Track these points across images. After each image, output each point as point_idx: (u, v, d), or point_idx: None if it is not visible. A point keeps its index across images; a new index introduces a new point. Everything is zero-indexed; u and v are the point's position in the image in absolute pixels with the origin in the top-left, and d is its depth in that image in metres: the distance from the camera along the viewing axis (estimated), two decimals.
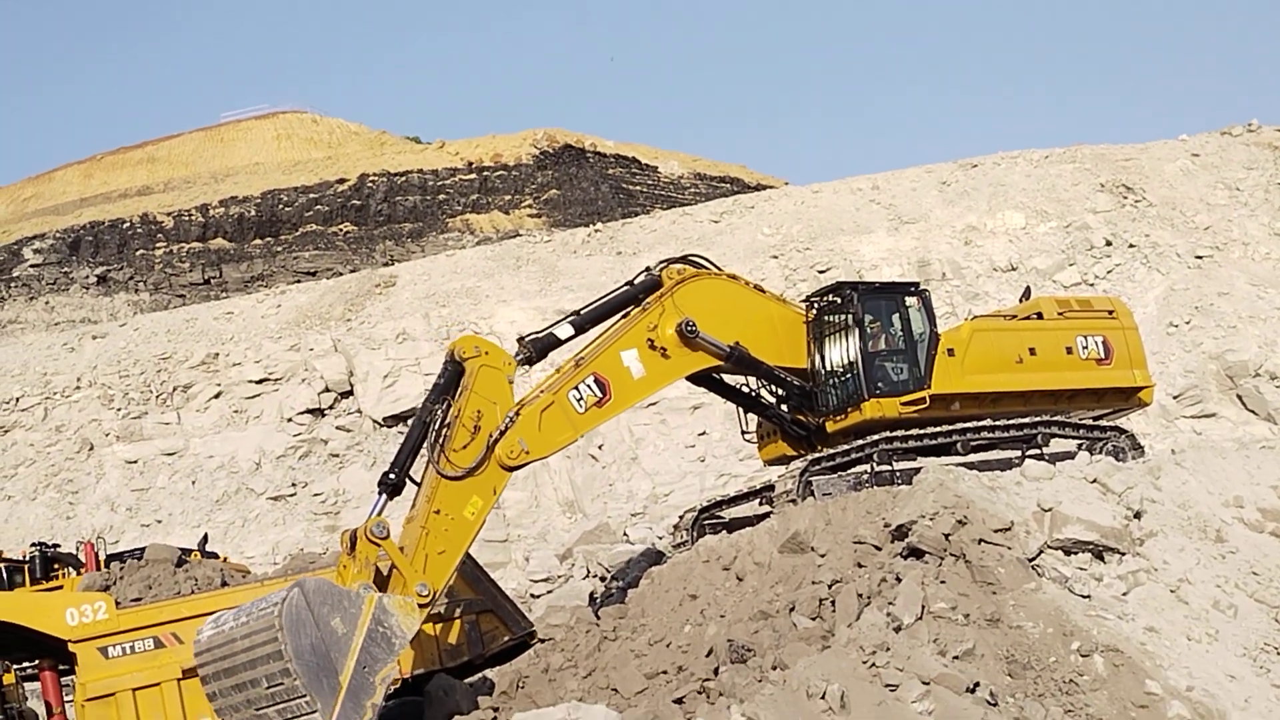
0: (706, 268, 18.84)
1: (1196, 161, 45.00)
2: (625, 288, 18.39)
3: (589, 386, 16.74)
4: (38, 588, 22.47)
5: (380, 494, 15.02)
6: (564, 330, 17.42)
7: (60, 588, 21.46)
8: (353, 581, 13.80)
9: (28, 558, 24.11)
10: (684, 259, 18.86)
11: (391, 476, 15.05)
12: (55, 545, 25.39)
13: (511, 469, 15.73)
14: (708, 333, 17.91)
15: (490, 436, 15.42)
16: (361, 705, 13.10)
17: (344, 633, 13.17)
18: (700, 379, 19.83)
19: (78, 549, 25.13)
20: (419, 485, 15.28)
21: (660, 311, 17.73)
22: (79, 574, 22.13)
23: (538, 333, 17.44)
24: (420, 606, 14.14)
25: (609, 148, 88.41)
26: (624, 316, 17.84)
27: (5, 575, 22.82)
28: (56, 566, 23.91)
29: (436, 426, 15.48)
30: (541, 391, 16.51)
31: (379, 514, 14.59)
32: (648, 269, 18.61)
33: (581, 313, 17.87)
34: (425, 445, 15.48)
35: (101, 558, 23.22)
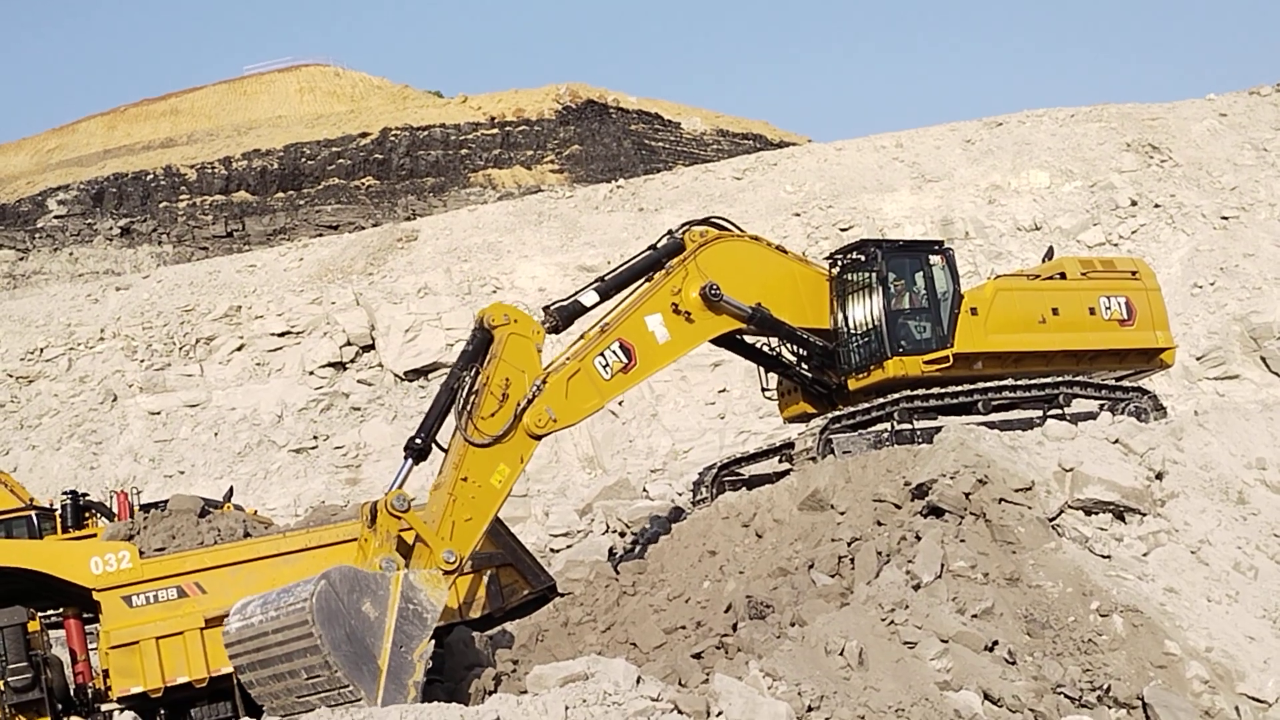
0: (729, 229, 18.77)
1: (1224, 121, 44.59)
2: (648, 252, 18.32)
3: (614, 353, 16.71)
4: (68, 536, 22.54)
5: (406, 459, 15.05)
6: (589, 297, 17.35)
7: (94, 536, 21.58)
8: (374, 555, 13.82)
9: (54, 505, 24.18)
10: (706, 221, 18.77)
11: (418, 442, 15.07)
12: (85, 494, 25.43)
13: (538, 437, 15.73)
14: (731, 295, 17.87)
15: (518, 405, 15.41)
16: (404, 685, 13.16)
17: (376, 616, 13.20)
18: (722, 340, 19.80)
19: (110, 498, 25.19)
20: (446, 451, 15.31)
21: (684, 275, 17.67)
22: (111, 523, 22.17)
23: (563, 301, 17.39)
24: (446, 574, 14.19)
25: (632, 103, 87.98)
26: (648, 281, 17.80)
27: (35, 523, 22.86)
28: (88, 515, 23.97)
29: (464, 394, 15.47)
30: (567, 359, 16.48)
31: (403, 481, 14.63)
32: (670, 232, 18.54)
33: (606, 279, 17.80)
34: (453, 412, 15.48)
35: (135, 507, 23.23)
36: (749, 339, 19.94)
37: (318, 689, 12.82)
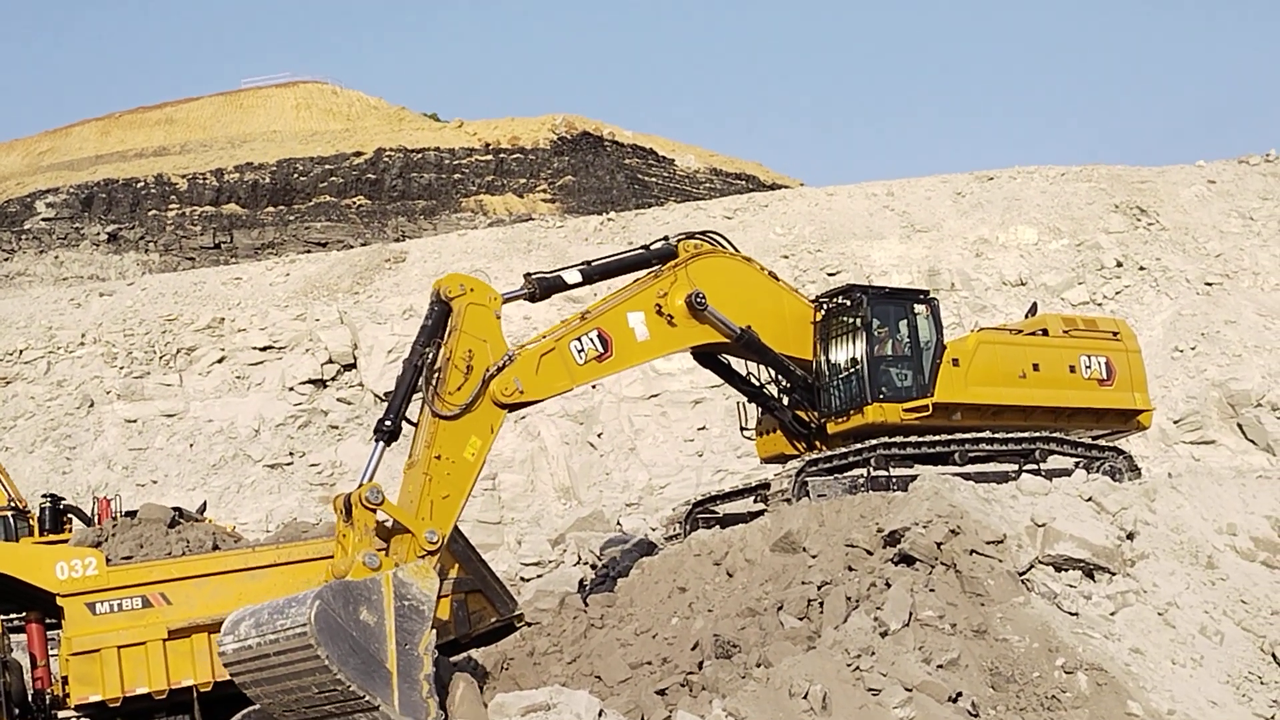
0: (724, 247, 18.94)
1: (1212, 188, 44.94)
2: (640, 250, 18.55)
3: (591, 340, 16.84)
4: (45, 539, 22.29)
5: (377, 442, 15.00)
6: (572, 276, 17.54)
7: None
8: (354, 552, 13.78)
9: (27, 507, 23.89)
10: (704, 234, 18.96)
11: (388, 424, 15.02)
12: (62, 499, 25.15)
13: (506, 407, 15.70)
14: (716, 309, 17.97)
15: (486, 372, 15.42)
16: (416, 681, 13.19)
17: (375, 622, 13.19)
18: (708, 361, 19.93)
19: (92, 504, 24.95)
20: (416, 426, 15.28)
21: (672, 280, 17.88)
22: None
23: (545, 272, 17.56)
24: (429, 554, 14.20)
25: (627, 137, 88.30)
26: (635, 279, 17.94)
27: (12, 524, 22.57)
28: (66, 520, 23.71)
29: (428, 370, 15.44)
30: (544, 337, 16.62)
31: (375, 467, 14.64)
32: (665, 238, 18.78)
33: (592, 263, 18.00)
34: (419, 390, 15.44)
35: (119, 514, 22.94)
36: (736, 365, 20.07)
37: (331, 700, 12.83)
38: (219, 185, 76.98)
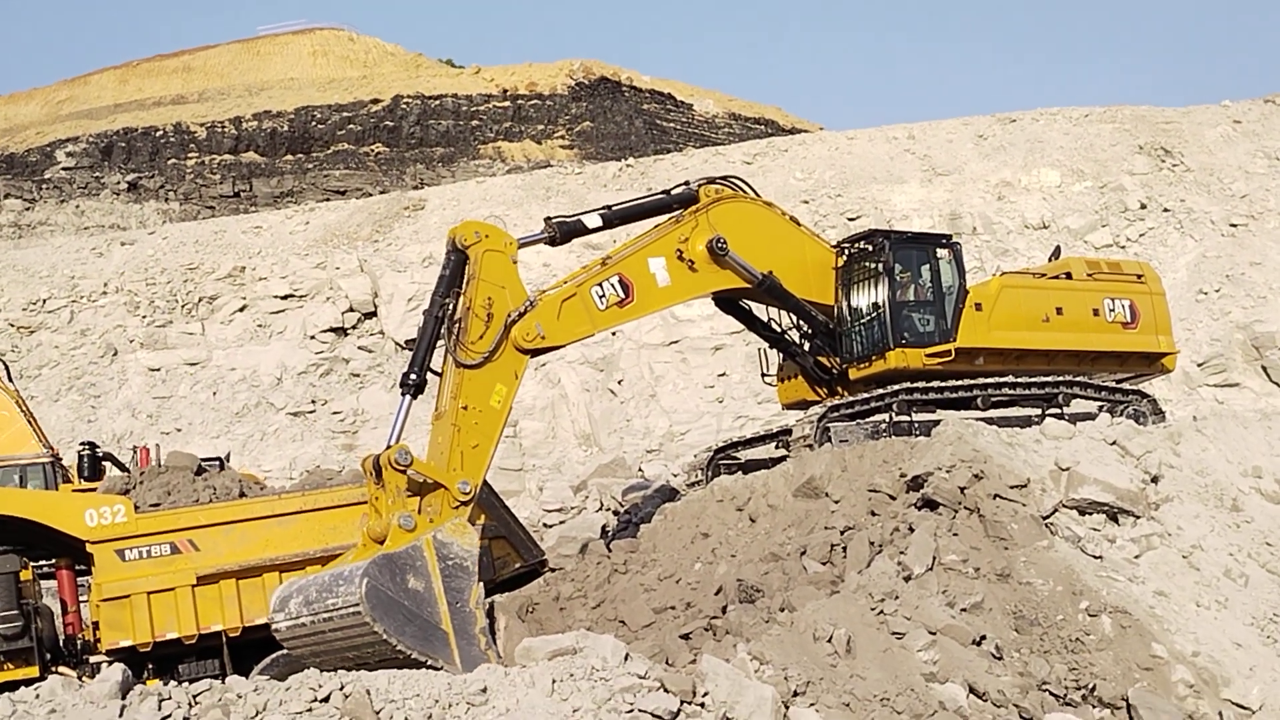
0: (745, 191, 18.86)
1: (1238, 128, 44.44)
2: (660, 195, 18.49)
3: (613, 285, 16.80)
4: (83, 487, 22.42)
5: (403, 396, 15.03)
6: (592, 220, 17.51)
7: None
8: (388, 514, 13.86)
9: (56, 456, 24.01)
10: (724, 179, 18.88)
11: (413, 377, 15.04)
12: (98, 446, 25.23)
13: (528, 352, 15.72)
14: (738, 254, 17.91)
15: (507, 318, 15.41)
16: (474, 637, 13.37)
17: (424, 587, 13.30)
18: (729, 307, 19.90)
19: (133, 453, 25.00)
20: (440, 376, 15.30)
21: (693, 225, 17.79)
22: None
23: (566, 217, 17.54)
24: (463, 504, 14.28)
25: (645, 83, 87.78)
26: (656, 224, 17.89)
27: (52, 472, 22.68)
28: (103, 468, 23.81)
29: (449, 320, 15.45)
30: (565, 283, 16.61)
31: (403, 424, 14.70)
32: (686, 183, 18.69)
33: (612, 208, 17.94)
34: (440, 340, 15.46)
35: (158, 463, 23.01)
36: (758, 312, 20.03)
37: (395, 665, 12.91)
38: (237, 133, 76.90)
